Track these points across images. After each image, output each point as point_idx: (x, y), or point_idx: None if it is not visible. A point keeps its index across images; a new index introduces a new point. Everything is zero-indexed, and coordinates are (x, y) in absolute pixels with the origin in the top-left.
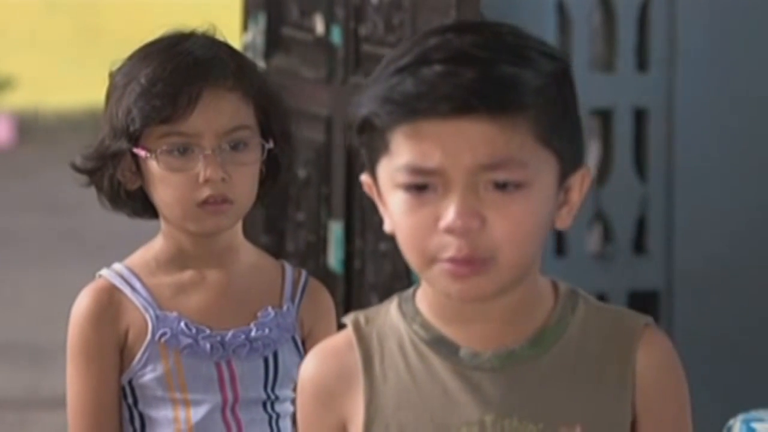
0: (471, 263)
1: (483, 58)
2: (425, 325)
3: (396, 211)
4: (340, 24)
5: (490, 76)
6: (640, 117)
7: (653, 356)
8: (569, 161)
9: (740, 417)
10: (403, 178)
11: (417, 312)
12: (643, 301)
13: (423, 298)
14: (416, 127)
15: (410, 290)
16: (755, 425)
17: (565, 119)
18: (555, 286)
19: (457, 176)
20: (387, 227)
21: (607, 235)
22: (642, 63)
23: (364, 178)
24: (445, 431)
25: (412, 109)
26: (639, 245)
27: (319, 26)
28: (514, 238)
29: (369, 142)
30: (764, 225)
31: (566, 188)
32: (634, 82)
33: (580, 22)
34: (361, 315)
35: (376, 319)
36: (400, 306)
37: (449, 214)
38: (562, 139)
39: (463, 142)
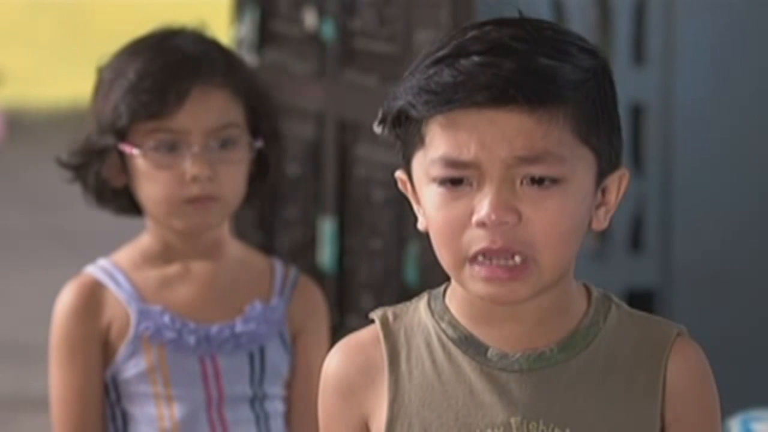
0: (508, 270)
1: (522, 50)
2: (454, 324)
3: (430, 206)
4: (333, 18)
5: (529, 68)
6: (636, 113)
7: (685, 366)
8: (607, 160)
9: (738, 416)
10: (438, 171)
11: (446, 310)
12: (640, 300)
13: (453, 296)
14: (452, 117)
15: (441, 288)
16: (753, 424)
17: (604, 117)
18: (588, 290)
19: (492, 169)
20: (420, 225)
21: (604, 233)
22: (639, 58)
23: (398, 174)
24: (470, 431)
25: (449, 98)
26: (636, 243)
27: (311, 20)
28: (551, 236)
29: (404, 135)
30: (762, 222)
31: (603, 188)
32: (630, 77)
33: (575, 16)
34: (389, 311)
35: (404, 316)
36: (429, 303)
37: (483, 207)
38: (601, 137)
39: (500, 134)
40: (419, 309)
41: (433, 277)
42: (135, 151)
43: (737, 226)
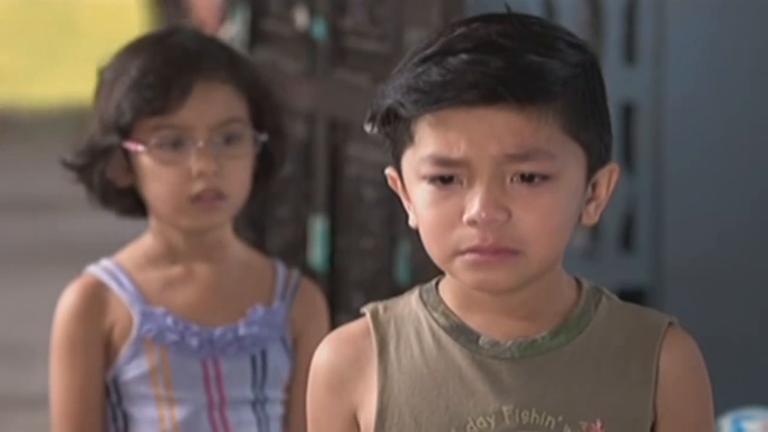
0: (497, 252)
1: (510, 47)
2: (446, 314)
3: (420, 204)
4: (323, 17)
5: (518, 65)
6: (627, 111)
7: (678, 355)
8: (597, 155)
9: (730, 415)
10: (428, 169)
11: (440, 301)
12: (631, 299)
13: (446, 287)
14: (442, 116)
15: (432, 281)
16: (744, 423)
17: (594, 112)
18: (578, 283)
19: (482, 167)
20: (411, 222)
21: (595, 232)
22: (630, 57)
23: (388, 171)
24: (461, 420)
25: (438, 97)
26: (627, 242)
27: (302, 19)
28: (541, 232)
29: (393, 134)
30: (753, 222)
31: (594, 183)
32: (621, 76)
33: (566, 14)
34: (380, 304)
35: (395, 308)
36: (421, 295)
37: (474, 206)
38: (591, 132)
39: (490, 131)
40: (410, 301)
41: (424, 275)
42: (139, 148)
43: (728, 225)
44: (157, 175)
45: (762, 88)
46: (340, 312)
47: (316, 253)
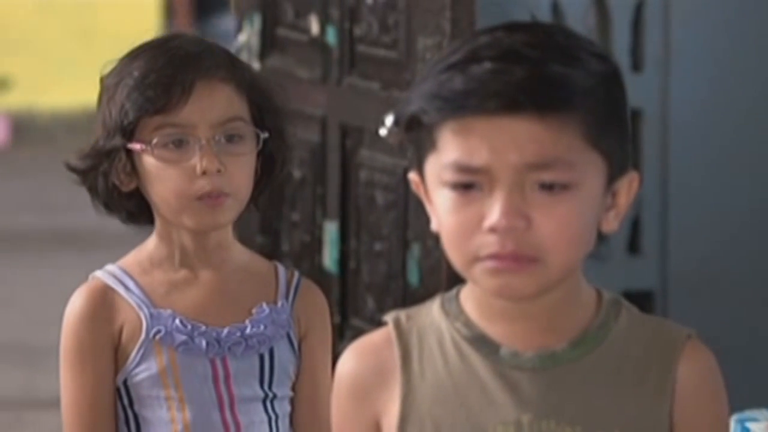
0: (517, 260)
1: (533, 56)
2: (468, 324)
3: (442, 209)
4: (335, 24)
5: (540, 75)
6: (634, 118)
7: (696, 367)
8: (617, 164)
9: (734, 416)
10: (450, 176)
11: (461, 311)
12: (637, 302)
13: (468, 296)
14: (464, 123)
15: (453, 290)
16: (749, 425)
17: (614, 121)
18: (599, 294)
19: (503, 175)
20: (433, 226)
21: (601, 235)
22: (636, 64)
23: (412, 176)
24: (481, 429)
25: (461, 105)
26: (633, 245)
27: (314, 27)
28: (561, 240)
29: (416, 140)
30: (757, 226)
31: (613, 192)
32: (628, 82)
33: (575, 22)
34: (402, 313)
35: (417, 317)
36: (442, 305)
37: (494, 213)
38: (611, 141)
39: (511, 140)
40: (432, 311)
41: (435, 278)
42: (143, 148)
43: (733, 229)
44: (161, 175)
45: (766, 94)
46: (352, 314)
47: (329, 257)
